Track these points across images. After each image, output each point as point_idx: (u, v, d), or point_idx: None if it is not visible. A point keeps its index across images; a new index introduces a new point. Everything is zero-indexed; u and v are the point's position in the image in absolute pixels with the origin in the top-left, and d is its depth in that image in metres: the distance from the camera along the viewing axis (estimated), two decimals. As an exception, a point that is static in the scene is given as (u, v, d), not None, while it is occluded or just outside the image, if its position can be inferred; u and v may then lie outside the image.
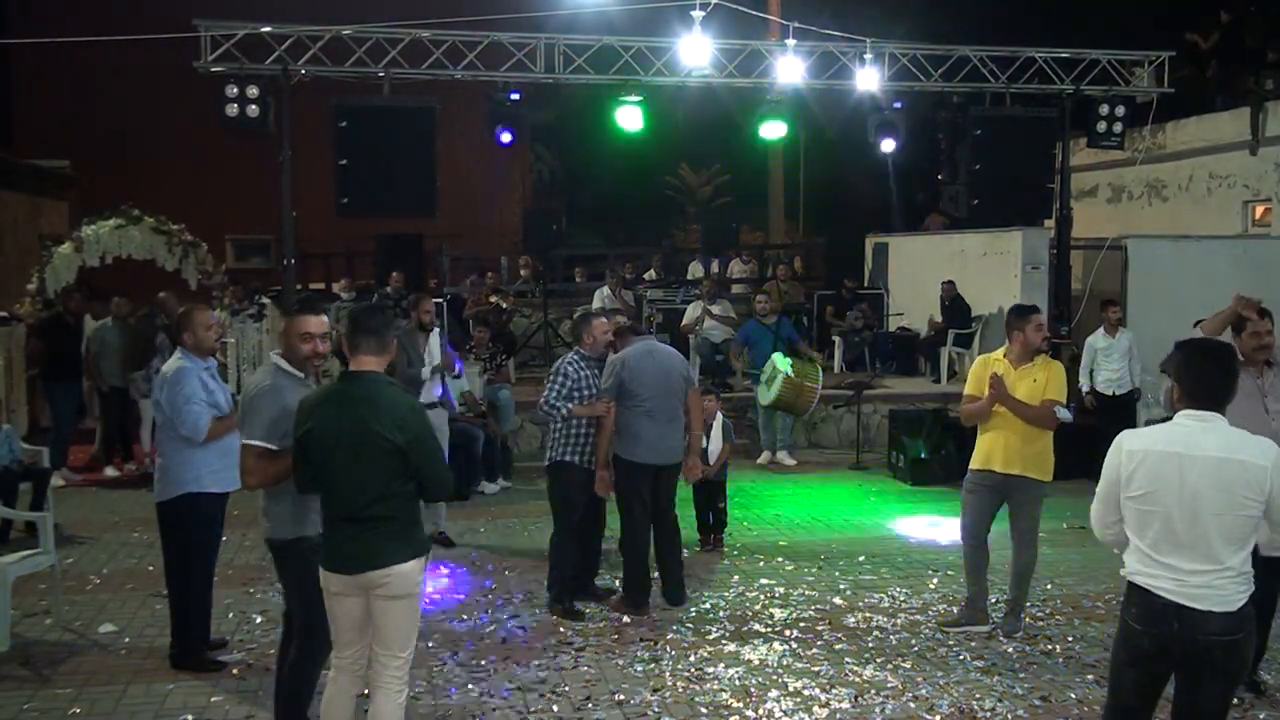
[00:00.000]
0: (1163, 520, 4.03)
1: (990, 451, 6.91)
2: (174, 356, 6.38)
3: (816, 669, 6.51)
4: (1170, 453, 4.05)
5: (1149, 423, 11.74)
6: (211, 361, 6.43)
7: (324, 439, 4.53)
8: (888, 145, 14.37)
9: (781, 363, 12.07)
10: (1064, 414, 6.93)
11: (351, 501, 4.53)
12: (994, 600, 7.43)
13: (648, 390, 7.33)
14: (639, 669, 6.49)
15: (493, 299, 15.29)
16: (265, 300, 13.97)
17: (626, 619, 7.36)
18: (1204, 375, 4.15)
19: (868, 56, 13.19)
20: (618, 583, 7.89)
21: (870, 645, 6.93)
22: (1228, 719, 4.18)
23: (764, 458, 12.80)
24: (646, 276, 20.50)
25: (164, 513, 6.34)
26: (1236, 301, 5.91)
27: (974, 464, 7.04)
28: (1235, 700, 5.89)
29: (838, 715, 5.87)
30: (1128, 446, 4.17)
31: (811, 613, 7.58)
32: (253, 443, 4.95)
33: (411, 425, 4.53)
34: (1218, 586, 3.96)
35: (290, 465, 4.75)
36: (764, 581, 8.29)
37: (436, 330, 9.45)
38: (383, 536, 4.53)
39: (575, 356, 7.56)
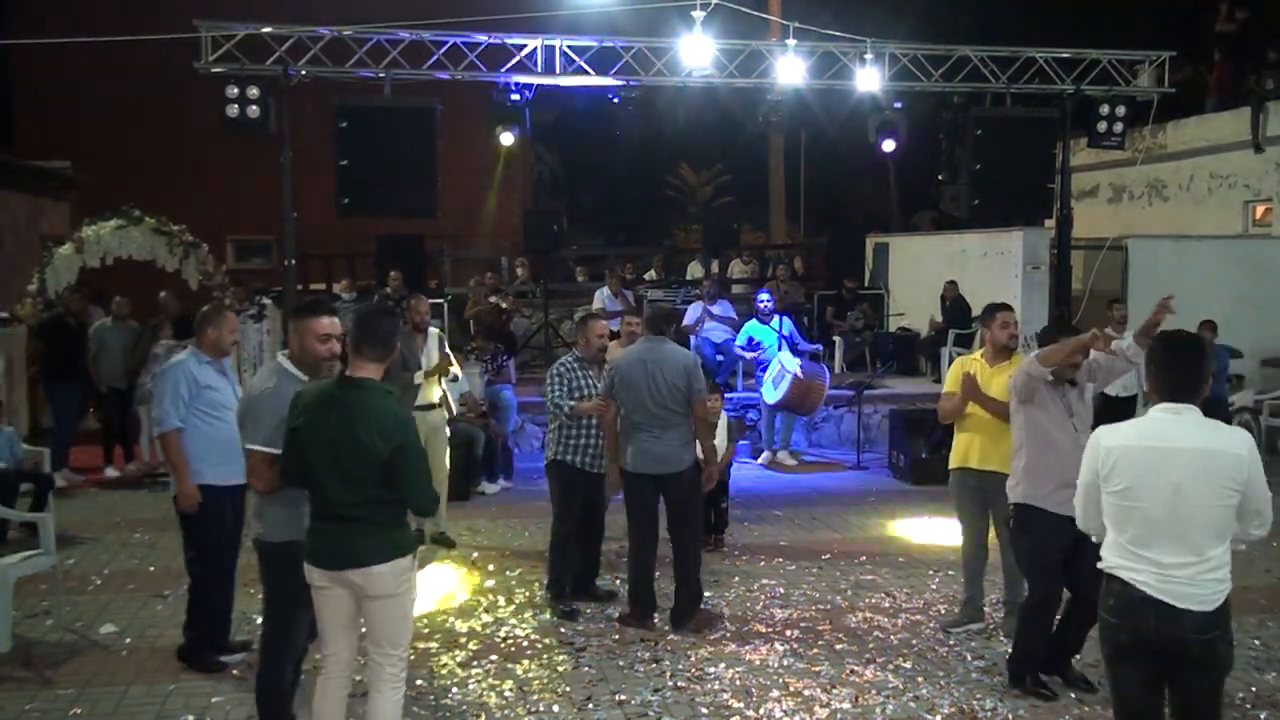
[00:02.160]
0: (1144, 515, 4.05)
1: (967, 449, 6.98)
2: (182, 351, 6.42)
3: (817, 669, 6.52)
4: (1148, 447, 4.06)
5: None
6: (225, 360, 6.44)
7: (311, 439, 4.55)
8: (888, 146, 14.37)
9: (789, 361, 12.07)
10: None
11: (333, 502, 4.55)
12: (994, 600, 7.44)
13: (632, 401, 6.99)
14: (639, 669, 6.49)
15: (493, 299, 15.28)
16: (266, 301, 13.97)
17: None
18: (1174, 367, 4.16)
19: (868, 57, 13.18)
20: (619, 583, 7.89)
21: (871, 645, 6.93)
22: (1222, 715, 4.18)
23: (765, 457, 12.80)
24: (646, 277, 20.49)
25: (173, 506, 6.32)
26: (1092, 336, 5.81)
27: (952, 463, 7.12)
28: (1236, 700, 5.92)
29: (838, 715, 5.87)
30: (1105, 443, 4.18)
31: (812, 613, 7.58)
32: (256, 448, 4.94)
33: (396, 437, 4.49)
34: (1199, 582, 3.97)
35: None
36: (765, 581, 8.29)
37: (435, 332, 9.39)
38: (362, 536, 4.53)
39: (570, 359, 7.59)
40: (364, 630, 4.78)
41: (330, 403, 4.57)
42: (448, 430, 9.36)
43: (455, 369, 9.59)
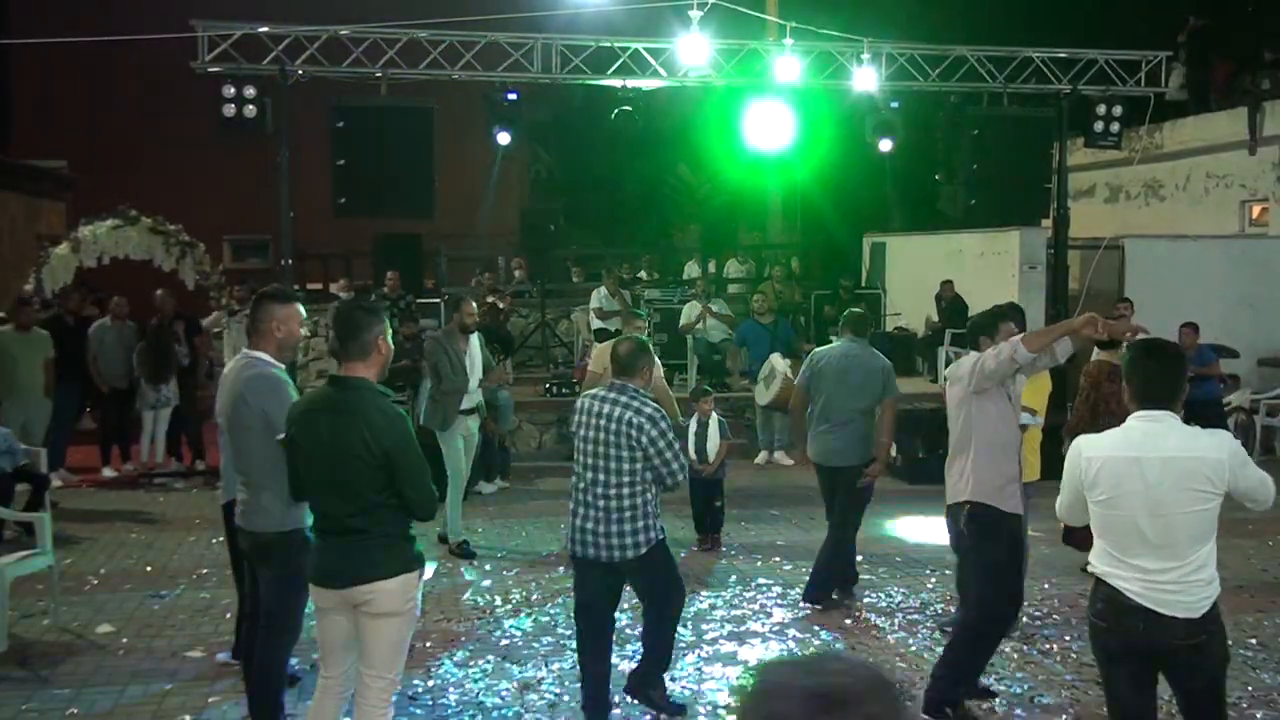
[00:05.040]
0: (1128, 524, 4.06)
1: None
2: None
3: (814, 669, 6.50)
4: (1128, 457, 4.07)
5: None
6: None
7: (305, 448, 4.44)
8: (885, 145, 14.35)
9: (780, 363, 12.08)
10: (1027, 419, 6.89)
11: (332, 512, 4.42)
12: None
13: (824, 396, 7.60)
14: (637, 669, 6.48)
15: (489, 299, 15.27)
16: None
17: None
18: (1152, 375, 4.17)
19: (865, 56, 13.18)
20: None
21: (868, 645, 6.94)
22: (1224, 712, 4.21)
23: (761, 457, 12.80)
24: (639, 276, 20.48)
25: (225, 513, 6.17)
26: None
27: None
28: (1233, 700, 5.92)
29: (835, 715, 5.85)
30: (1086, 453, 4.18)
31: (809, 612, 7.58)
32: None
33: (389, 438, 4.31)
34: (1185, 587, 3.99)
35: None
36: (761, 581, 8.29)
37: (476, 335, 9.37)
38: (366, 550, 4.37)
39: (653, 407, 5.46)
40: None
41: (320, 407, 4.46)
42: (478, 437, 9.49)
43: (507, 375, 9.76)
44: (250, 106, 11.97)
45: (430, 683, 6.28)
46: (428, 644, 6.88)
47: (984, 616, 5.86)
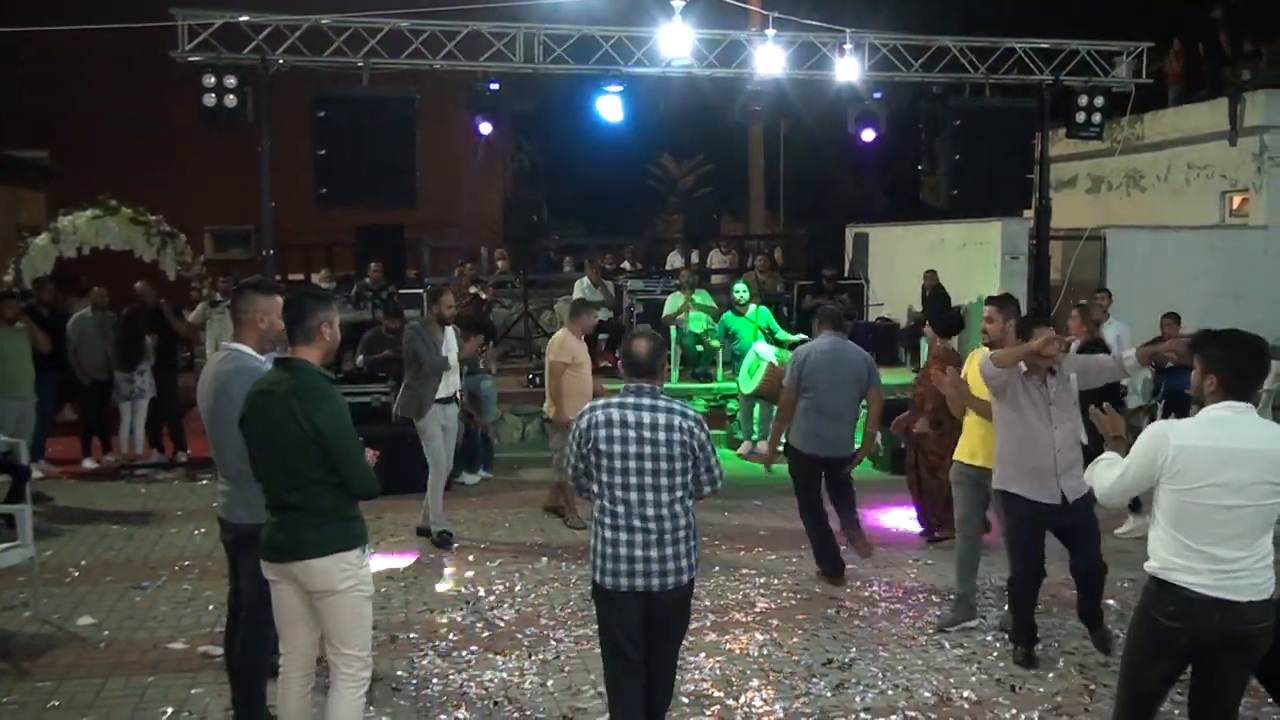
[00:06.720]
0: (1208, 513, 4.09)
1: (970, 445, 6.99)
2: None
3: (797, 658, 6.54)
4: (1221, 448, 4.09)
5: (1134, 413, 11.62)
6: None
7: (252, 425, 4.56)
8: (868, 136, 14.37)
9: (766, 351, 12.10)
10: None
11: (275, 489, 4.54)
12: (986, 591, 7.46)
13: (818, 389, 7.86)
14: (620, 659, 6.49)
15: (472, 290, 15.24)
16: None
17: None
18: (1239, 366, 4.20)
19: (848, 47, 13.18)
20: None
21: (851, 634, 6.96)
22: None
23: (744, 447, 12.81)
24: (624, 266, 20.51)
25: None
26: (1044, 342, 5.99)
27: (956, 455, 7.13)
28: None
29: (818, 703, 5.89)
30: (1175, 441, 4.14)
31: (792, 602, 7.61)
32: None
33: (320, 414, 4.41)
34: (1255, 572, 4.09)
35: None
36: (745, 571, 8.31)
37: (451, 327, 9.40)
38: (303, 528, 4.49)
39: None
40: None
41: (266, 387, 4.58)
42: (457, 426, 9.48)
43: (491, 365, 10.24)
44: (231, 96, 11.88)
45: (414, 673, 6.28)
46: (411, 635, 6.89)
47: (1011, 585, 6.54)
